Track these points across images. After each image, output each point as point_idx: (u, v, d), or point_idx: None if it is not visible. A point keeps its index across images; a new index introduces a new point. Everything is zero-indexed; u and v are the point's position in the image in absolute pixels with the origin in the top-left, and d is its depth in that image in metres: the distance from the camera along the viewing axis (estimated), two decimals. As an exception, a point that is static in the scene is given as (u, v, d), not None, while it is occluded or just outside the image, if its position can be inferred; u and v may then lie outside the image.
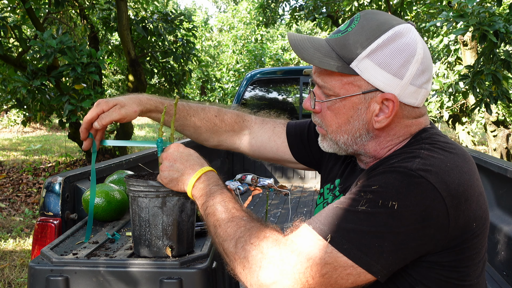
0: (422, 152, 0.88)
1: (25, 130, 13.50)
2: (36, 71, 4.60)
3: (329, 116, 0.98)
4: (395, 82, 0.90)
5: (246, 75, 4.78)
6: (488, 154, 3.55)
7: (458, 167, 0.87)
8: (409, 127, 0.96)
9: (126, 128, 7.37)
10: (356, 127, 0.96)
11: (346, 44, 0.92)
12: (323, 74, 0.96)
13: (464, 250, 0.86)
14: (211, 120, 1.34)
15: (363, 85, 0.92)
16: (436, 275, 0.87)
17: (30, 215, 5.00)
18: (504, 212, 2.14)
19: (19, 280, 3.33)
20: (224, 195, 0.98)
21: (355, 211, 0.82)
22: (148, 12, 7.53)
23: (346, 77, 0.93)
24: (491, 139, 7.53)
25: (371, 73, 0.90)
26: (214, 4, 28.36)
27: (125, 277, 1.07)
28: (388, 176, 0.84)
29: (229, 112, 1.37)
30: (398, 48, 0.90)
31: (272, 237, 0.86)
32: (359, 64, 0.90)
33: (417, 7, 8.38)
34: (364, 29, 0.91)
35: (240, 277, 0.88)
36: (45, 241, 1.51)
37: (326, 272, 0.80)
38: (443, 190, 0.81)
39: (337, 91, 0.94)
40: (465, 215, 0.84)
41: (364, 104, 0.94)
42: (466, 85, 4.79)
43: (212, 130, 1.35)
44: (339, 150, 1.03)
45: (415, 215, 0.80)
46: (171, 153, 1.08)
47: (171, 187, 1.07)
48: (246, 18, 15.80)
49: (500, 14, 4.59)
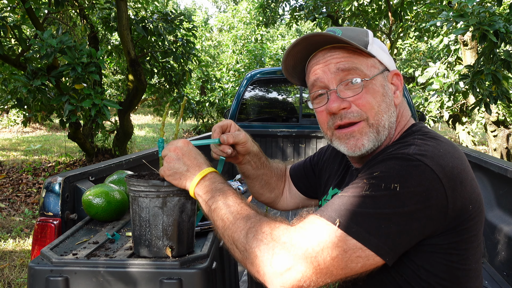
0: (416, 141, 0.96)
1: (25, 130, 13.50)
2: (36, 71, 4.59)
3: (367, 98, 1.03)
4: (392, 62, 1.10)
5: (246, 75, 4.77)
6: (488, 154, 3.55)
7: (450, 153, 0.93)
8: (404, 108, 1.11)
9: (126, 128, 7.37)
10: (388, 105, 1.05)
11: (352, 36, 1.04)
12: (352, 58, 1.03)
13: (462, 231, 0.91)
14: (274, 180, 1.42)
15: (379, 66, 1.06)
16: (437, 259, 0.91)
17: (30, 215, 5.00)
18: (504, 212, 2.13)
19: (19, 280, 3.32)
20: (231, 191, 1.01)
21: (360, 195, 0.86)
22: (148, 12, 7.53)
23: (368, 59, 1.05)
24: (491, 139, 7.53)
25: (381, 55, 1.06)
26: (214, 4, 28.37)
27: (125, 277, 1.06)
28: (388, 162, 0.90)
29: (280, 172, 1.46)
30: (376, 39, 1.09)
31: (282, 226, 0.89)
32: (371, 48, 1.05)
33: (417, 7, 8.38)
34: (352, 28, 1.08)
35: (252, 268, 0.88)
36: (45, 241, 1.51)
37: (336, 255, 0.83)
38: (440, 172, 0.87)
39: (367, 72, 1.03)
40: (461, 197, 0.89)
41: (385, 82, 1.06)
42: (466, 85, 4.79)
43: (277, 183, 1.43)
44: (376, 141, 1.04)
45: (417, 195, 0.85)
46: (181, 147, 1.08)
47: (171, 180, 1.06)
48: (246, 18, 15.80)
49: (500, 14, 4.59)
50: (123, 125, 7.34)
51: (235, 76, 13.66)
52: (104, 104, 4.44)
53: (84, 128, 7.53)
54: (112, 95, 11.90)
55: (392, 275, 0.93)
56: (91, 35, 7.52)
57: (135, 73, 6.45)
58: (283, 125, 4.55)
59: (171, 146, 1.09)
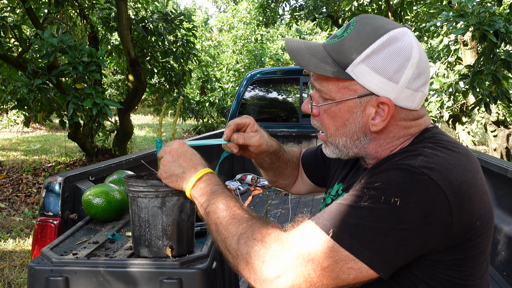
0: (425, 150, 0.89)
1: (25, 130, 13.50)
2: (37, 70, 4.59)
3: (326, 119, 1.00)
4: (390, 86, 0.91)
5: (246, 75, 4.77)
6: (488, 154, 3.55)
7: (461, 165, 0.87)
8: (408, 128, 0.97)
9: (126, 128, 7.37)
10: (353, 130, 0.97)
11: (342, 49, 0.93)
12: (320, 79, 0.98)
13: (467, 249, 0.86)
14: (295, 162, 1.41)
15: (359, 89, 0.93)
16: (439, 274, 0.87)
17: (30, 215, 5.00)
18: (504, 212, 2.13)
19: (19, 280, 3.32)
20: (225, 194, 0.99)
21: (357, 207, 0.83)
22: (148, 12, 7.53)
23: (342, 81, 0.94)
24: (491, 139, 7.53)
25: (366, 78, 0.91)
26: (214, 4, 28.37)
27: (125, 277, 1.06)
28: (391, 173, 0.85)
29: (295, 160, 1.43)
30: (393, 53, 0.90)
31: (274, 232, 0.87)
32: (354, 69, 0.92)
33: (417, 7, 8.38)
34: (360, 34, 0.93)
35: (243, 273, 0.88)
36: (45, 241, 1.51)
37: (328, 265, 0.81)
38: (446, 187, 0.82)
39: (333, 95, 0.96)
40: (469, 213, 0.84)
41: (360, 108, 0.95)
42: (466, 85, 4.79)
43: (292, 170, 1.41)
44: (341, 154, 1.03)
45: (417, 212, 0.80)
46: (176, 149, 1.07)
47: (168, 183, 1.06)
48: (246, 18, 15.80)
49: (500, 14, 4.59)
50: (123, 125, 7.34)
51: (235, 76, 13.66)
52: (106, 104, 4.44)
53: (84, 128, 7.54)
54: (112, 95, 11.89)
55: (391, 284, 0.89)
56: (91, 35, 7.52)
57: (135, 73, 6.45)
58: (283, 125, 4.56)
59: (167, 148, 1.08)
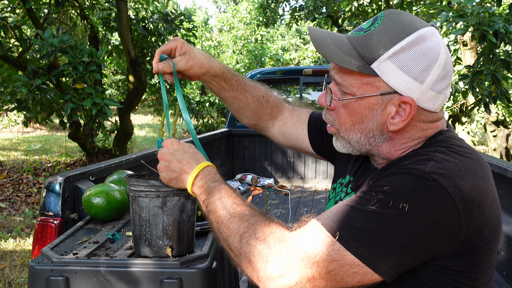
0: (437, 155, 0.87)
1: (25, 130, 13.50)
2: (37, 70, 4.60)
3: (344, 114, 0.97)
4: (415, 86, 0.89)
5: (246, 75, 4.78)
6: (488, 154, 3.55)
7: (472, 172, 0.86)
8: (425, 130, 0.95)
9: (126, 128, 7.37)
10: (370, 127, 0.95)
11: (368, 43, 0.90)
12: (342, 72, 0.95)
13: (474, 255, 0.86)
14: (260, 100, 1.32)
15: (382, 87, 0.91)
16: (444, 279, 0.86)
17: (30, 215, 5.00)
18: (504, 212, 2.14)
19: (19, 280, 3.33)
20: (222, 191, 0.97)
21: (365, 210, 0.82)
22: (148, 12, 7.53)
23: (366, 77, 0.91)
24: (491, 139, 7.54)
25: (392, 76, 0.89)
26: (214, 4, 28.37)
27: (125, 277, 1.07)
28: (401, 177, 0.83)
29: (272, 96, 1.36)
30: (421, 52, 0.88)
31: (278, 232, 0.86)
32: (380, 65, 0.89)
33: (417, 7, 8.38)
34: (388, 30, 0.90)
35: (246, 271, 0.88)
36: (45, 241, 1.52)
37: (333, 269, 0.81)
38: (456, 194, 0.81)
39: (355, 90, 0.93)
40: (477, 220, 0.83)
41: (381, 106, 0.92)
42: (466, 85, 4.80)
43: (256, 110, 1.33)
44: (352, 150, 1.02)
45: (425, 218, 0.79)
46: (165, 152, 1.06)
47: (173, 186, 1.07)
48: (246, 18, 15.79)
49: (500, 14, 4.59)
50: (123, 125, 7.34)
51: (235, 76, 13.63)
52: (105, 103, 4.45)
53: (85, 128, 7.54)
54: (112, 95, 11.90)
55: (395, 287, 0.89)
56: (91, 35, 7.52)
57: (135, 73, 6.45)
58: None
59: (159, 153, 1.08)
